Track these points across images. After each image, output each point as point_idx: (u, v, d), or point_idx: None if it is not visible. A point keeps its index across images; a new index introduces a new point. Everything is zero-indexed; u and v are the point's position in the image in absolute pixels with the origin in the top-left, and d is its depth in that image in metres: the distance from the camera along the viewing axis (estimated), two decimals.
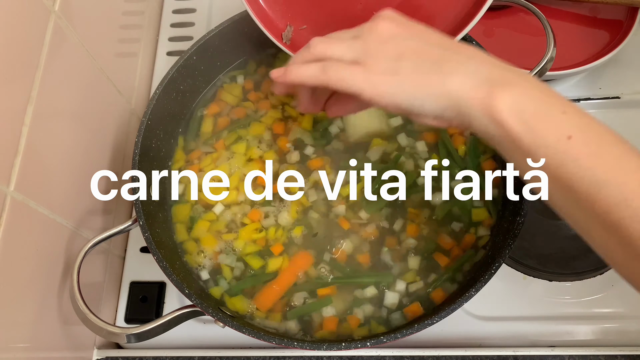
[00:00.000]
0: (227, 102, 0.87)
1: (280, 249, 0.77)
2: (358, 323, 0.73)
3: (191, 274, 0.77)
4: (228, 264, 0.77)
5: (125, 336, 0.66)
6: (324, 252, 0.77)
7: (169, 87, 0.81)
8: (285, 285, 0.75)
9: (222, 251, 0.78)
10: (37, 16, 0.66)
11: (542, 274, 0.85)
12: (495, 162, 0.80)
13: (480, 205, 0.78)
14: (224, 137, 0.84)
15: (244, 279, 0.76)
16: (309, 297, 0.75)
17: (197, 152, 0.84)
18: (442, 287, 0.74)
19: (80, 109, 0.78)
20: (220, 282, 0.77)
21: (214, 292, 0.76)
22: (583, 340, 0.82)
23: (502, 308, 0.84)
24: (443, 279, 0.74)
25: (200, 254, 0.78)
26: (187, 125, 0.86)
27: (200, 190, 0.80)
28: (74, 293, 0.67)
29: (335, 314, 0.73)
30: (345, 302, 0.74)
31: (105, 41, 0.86)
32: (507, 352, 0.80)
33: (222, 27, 0.83)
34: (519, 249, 0.85)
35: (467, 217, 0.77)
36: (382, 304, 0.74)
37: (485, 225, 0.77)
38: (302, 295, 0.75)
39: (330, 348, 0.66)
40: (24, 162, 0.63)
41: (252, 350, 0.82)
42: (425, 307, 0.74)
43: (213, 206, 0.80)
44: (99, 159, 0.83)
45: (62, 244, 0.73)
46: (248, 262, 0.76)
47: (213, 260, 0.78)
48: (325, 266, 0.76)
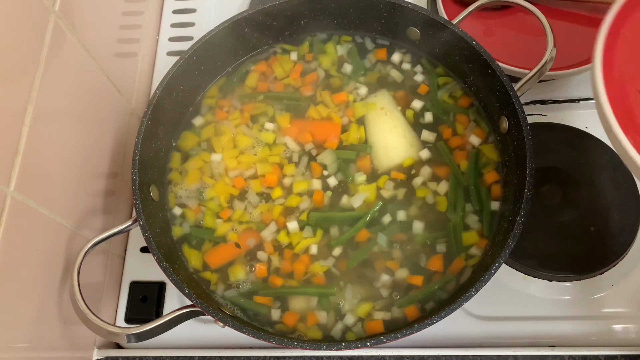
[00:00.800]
0: (274, 70, 0.89)
1: (229, 226, 0.80)
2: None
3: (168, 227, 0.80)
4: (193, 208, 0.81)
5: (125, 336, 0.66)
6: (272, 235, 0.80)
7: (169, 87, 0.81)
8: (231, 254, 0.79)
9: (193, 195, 0.82)
10: (37, 16, 0.66)
11: (542, 274, 0.85)
12: (498, 173, 0.80)
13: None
14: (255, 102, 0.87)
15: (200, 229, 0.80)
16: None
17: (228, 101, 0.88)
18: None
19: (80, 109, 0.78)
20: (183, 225, 0.81)
21: (175, 230, 0.80)
22: (583, 340, 0.82)
23: (502, 308, 0.84)
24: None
25: (179, 187, 0.83)
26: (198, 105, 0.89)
27: (216, 137, 0.85)
28: (74, 293, 0.67)
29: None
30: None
31: (105, 41, 0.86)
32: (507, 352, 0.80)
33: (222, 27, 0.83)
34: (519, 249, 0.85)
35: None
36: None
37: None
38: (245, 269, 0.78)
39: (330, 348, 0.66)
40: (24, 162, 0.63)
41: (252, 350, 0.82)
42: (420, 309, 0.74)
43: (213, 153, 0.85)
44: (99, 159, 0.83)
45: (62, 244, 0.73)
46: (205, 216, 0.80)
47: (186, 199, 0.82)
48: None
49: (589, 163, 0.90)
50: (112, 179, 0.87)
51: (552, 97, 0.98)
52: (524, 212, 0.70)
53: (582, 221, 0.86)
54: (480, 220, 0.78)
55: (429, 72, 0.87)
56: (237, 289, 0.77)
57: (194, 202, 0.82)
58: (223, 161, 0.84)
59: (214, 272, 0.78)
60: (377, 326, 0.73)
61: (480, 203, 0.78)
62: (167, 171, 0.84)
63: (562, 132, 0.93)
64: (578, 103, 0.97)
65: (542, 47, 0.78)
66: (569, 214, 0.87)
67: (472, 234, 0.77)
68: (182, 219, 0.81)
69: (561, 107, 0.97)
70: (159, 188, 0.81)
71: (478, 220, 0.78)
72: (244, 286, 0.77)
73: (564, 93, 0.98)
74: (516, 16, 1.00)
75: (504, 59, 0.89)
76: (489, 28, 1.00)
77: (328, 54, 0.89)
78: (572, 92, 0.98)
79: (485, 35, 0.99)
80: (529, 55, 0.93)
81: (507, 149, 0.79)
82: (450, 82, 0.86)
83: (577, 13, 1.01)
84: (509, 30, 1.00)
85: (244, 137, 0.85)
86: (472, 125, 0.83)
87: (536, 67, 0.77)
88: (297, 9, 0.87)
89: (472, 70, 0.83)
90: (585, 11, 1.01)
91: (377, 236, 0.77)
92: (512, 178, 0.78)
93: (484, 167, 0.81)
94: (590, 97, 0.97)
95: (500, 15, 1.01)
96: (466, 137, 0.83)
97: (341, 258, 0.77)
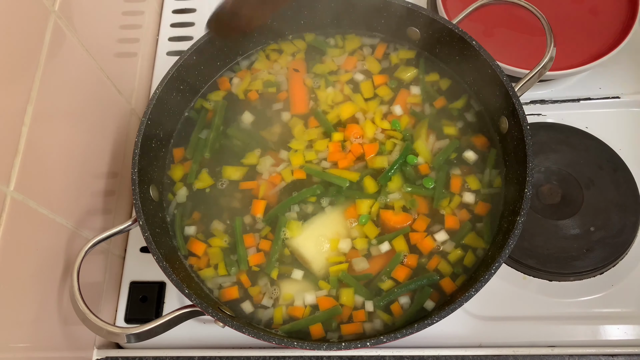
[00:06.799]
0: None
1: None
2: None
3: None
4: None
5: (125, 336, 0.66)
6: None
7: (169, 87, 0.81)
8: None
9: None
10: (37, 16, 0.66)
11: (542, 274, 0.85)
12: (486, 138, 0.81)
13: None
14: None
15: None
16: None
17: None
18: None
19: (80, 108, 0.78)
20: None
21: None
22: (583, 340, 0.82)
23: (502, 308, 0.84)
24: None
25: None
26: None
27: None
28: (74, 293, 0.67)
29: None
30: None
31: (105, 41, 0.86)
32: (507, 352, 0.80)
33: None
34: (519, 249, 0.85)
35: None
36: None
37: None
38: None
39: (330, 348, 0.66)
40: (24, 162, 0.63)
41: (252, 350, 0.82)
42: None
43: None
44: (99, 159, 0.83)
45: (62, 244, 0.73)
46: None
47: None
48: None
49: (589, 163, 0.91)
50: (112, 179, 0.87)
51: (552, 97, 0.98)
52: (524, 212, 0.70)
53: (582, 221, 0.87)
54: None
55: (427, 73, 0.88)
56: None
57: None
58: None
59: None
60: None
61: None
62: (167, 171, 0.84)
63: (562, 132, 0.93)
64: (578, 103, 0.97)
65: (542, 47, 0.78)
66: (569, 214, 0.87)
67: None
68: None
69: (561, 107, 0.97)
70: (158, 188, 0.81)
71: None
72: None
73: (564, 93, 0.98)
74: (516, 16, 1.00)
75: (504, 59, 0.89)
76: (489, 28, 1.00)
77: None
78: (572, 92, 0.98)
79: (485, 35, 0.99)
80: (529, 55, 0.93)
81: (507, 149, 0.79)
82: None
83: (577, 13, 1.01)
84: (509, 30, 1.00)
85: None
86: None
87: (536, 67, 0.77)
88: (297, 9, 0.87)
89: (472, 70, 0.83)
90: (585, 11, 1.01)
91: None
92: (512, 178, 0.78)
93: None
94: (590, 97, 0.97)
95: (501, 15, 1.01)
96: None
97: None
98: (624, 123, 0.95)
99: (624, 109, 0.97)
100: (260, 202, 0.80)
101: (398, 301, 0.75)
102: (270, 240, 0.78)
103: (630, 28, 0.95)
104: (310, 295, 0.76)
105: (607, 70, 0.99)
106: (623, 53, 0.94)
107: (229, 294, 0.77)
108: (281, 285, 0.77)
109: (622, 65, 0.99)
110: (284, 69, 0.90)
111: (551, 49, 0.77)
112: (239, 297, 0.77)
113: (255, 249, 0.79)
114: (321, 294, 0.76)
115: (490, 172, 0.81)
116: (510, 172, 0.79)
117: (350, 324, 0.74)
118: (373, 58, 0.90)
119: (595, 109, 0.97)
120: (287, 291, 0.76)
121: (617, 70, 0.99)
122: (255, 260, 0.78)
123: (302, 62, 0.90)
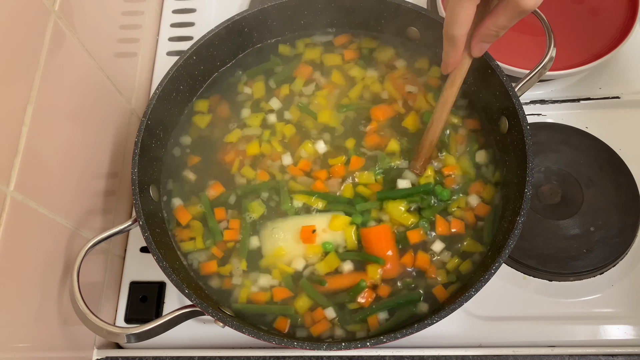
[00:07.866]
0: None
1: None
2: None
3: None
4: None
5: (125, 336, 0.66)
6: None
7: (169, 87, 0.81)
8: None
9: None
10: (37, 16, 0.66)
11: (542, 274, 0.85)
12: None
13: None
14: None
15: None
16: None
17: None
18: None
19: (80, 109, 0.78)
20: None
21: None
22: (583, 340, 0.82)
23: (502, 308, 0.84)
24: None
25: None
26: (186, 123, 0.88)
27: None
28: (74, 293, 0.67)
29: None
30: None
31: (105, 41, 0.86)
32: (507, 352, 0.80)
33: (222, 27, 0.83)
34: (519, 249, 0.85)
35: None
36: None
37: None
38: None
39: (330, 348, 0.66)
40: (24, 162, 0.63)
41: (252, 350, 0.82)
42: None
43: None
44: (99, 159, 0.83)
45: (62, 244, 0.73)
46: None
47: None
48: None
49: (589, 163, 0.91)
50: (112, 179, 0.87)
51: (552, 97, 0.98)
52: (524, 212, 0.70)
53: (582, 221, 0.87)
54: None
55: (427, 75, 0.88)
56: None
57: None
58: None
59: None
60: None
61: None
62: (167, 171, 0.84)
63: (562, 132, 0.93)
64: (578, 103, 0.97)
65: (542, 47, 0.78)
66: (569, 214, 0.87)
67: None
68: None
69: (561, 107, 0.97)
70: (158, 188, 0.81)
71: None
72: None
73: (564, 93, 0.98)
74: None
75: (504, 59, 0.89)
76: None
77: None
78: (572, 92, 0.98)
79: None
80: (529, 55, 0.93)
81: (507, 149, 0.79)
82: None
83: (577, 13, 1.01)
84: (509, 30, 1.00)
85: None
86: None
87: (536, 67, 0.77)
88: (297, 9, 0.87)
89: (472, 70, 0.82)
90: (585, 11, 1.01)
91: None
92: (512, 178, 0.78)
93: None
94: (590, 97, 0.97)
95: None
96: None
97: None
98: (624, 123, 0.95)
99: (624, 109, 0.97)
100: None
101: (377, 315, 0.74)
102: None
103: (630, 28, 0.95)
104: (266, 281, 0.77)
105: (607, 70, 0.99)
106: (623, 53, 0.94)
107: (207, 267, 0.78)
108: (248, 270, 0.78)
109: (622, 65, 0.99)
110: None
111: (551, 49, 0.77)
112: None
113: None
114: (275, 284, 0.76)
115: (491, 172, 0.81)
116: (510, 172, 0.79)
117: (317, 324, 0.74)
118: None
119: (595, 109, 0.97)
120: (252, 276, 0.77)
121: (617, 70, 0.99)
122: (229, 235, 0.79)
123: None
